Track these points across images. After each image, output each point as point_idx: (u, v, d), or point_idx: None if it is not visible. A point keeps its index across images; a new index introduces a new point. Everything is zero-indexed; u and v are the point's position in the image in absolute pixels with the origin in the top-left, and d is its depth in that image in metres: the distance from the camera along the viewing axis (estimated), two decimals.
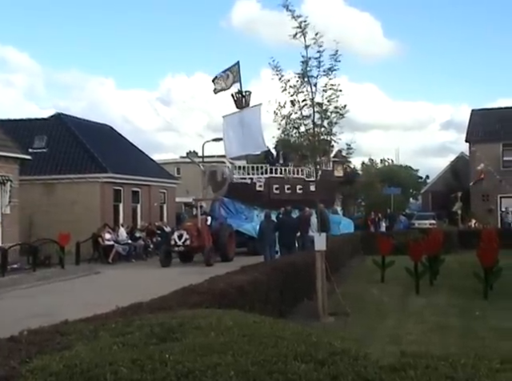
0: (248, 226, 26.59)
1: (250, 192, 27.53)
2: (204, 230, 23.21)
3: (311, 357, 3.81)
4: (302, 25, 11.36)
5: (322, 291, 11.35)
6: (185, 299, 7.35)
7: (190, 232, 22.63)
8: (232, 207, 27.44)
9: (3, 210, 21.86)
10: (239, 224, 26.51)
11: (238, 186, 27.48)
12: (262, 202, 27.39)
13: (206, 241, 22.89)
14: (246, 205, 27.55)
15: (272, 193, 28.28)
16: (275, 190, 28.51)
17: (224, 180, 27.36)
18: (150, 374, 3.39)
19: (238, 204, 27.44)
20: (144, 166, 33.40)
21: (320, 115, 11.80)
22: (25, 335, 4.62)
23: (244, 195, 27.21)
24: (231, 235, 24.70)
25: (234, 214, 27.13)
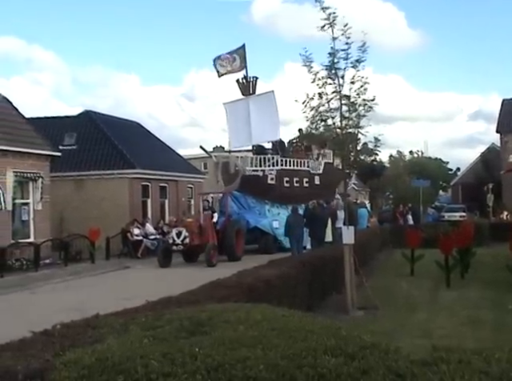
0: (265, 222, 24.91)
1: (261, 185, 25.45)
2: (207, 227, 21.18)
3: (341, 351, 3.79)
4: (331, 16, 11.27)
5: (350, 285, 11.30)
6: (213, 293, 7.38)
7: (190, 229, 20.75)
8: (244, 202, 25.52)
9: (35, 207, 22.24)
10: (257, 220, 24.79)
11: (250, 179, 25.22)
12: (273, 195, 25.82)
13: (210, 239, 20.79)
14: (256, 199, 25.56)
15: (283, 186, 26.27)
16: (285, 184, 26.47)
17: (237, 172, 25.21)
18: (180, 367, 3.42)
19: (249, 198, 25.52)
20: (171, 161, 33.59)
21: (348, 108, 11.71)
22: (58, 329, 4.69)
23: (255, 189, 25.19)
24: (239, 232, 22.60)
25: (246, 209, 25.31)
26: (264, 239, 24.27)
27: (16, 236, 20.98)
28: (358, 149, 14.69)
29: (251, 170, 25.77)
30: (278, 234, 23.85)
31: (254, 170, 25.82)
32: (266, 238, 24.28)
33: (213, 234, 21.09)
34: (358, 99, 11.58)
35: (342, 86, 11.56)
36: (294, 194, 25.60)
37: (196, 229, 20.88)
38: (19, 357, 3.71)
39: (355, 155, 12.39)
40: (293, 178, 26.51)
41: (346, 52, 11.38)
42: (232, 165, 25.08)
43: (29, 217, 22.12)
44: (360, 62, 11.40)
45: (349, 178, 14.60)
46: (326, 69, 11.56)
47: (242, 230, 22.74)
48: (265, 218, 24.86)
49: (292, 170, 26.69)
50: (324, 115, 11.86)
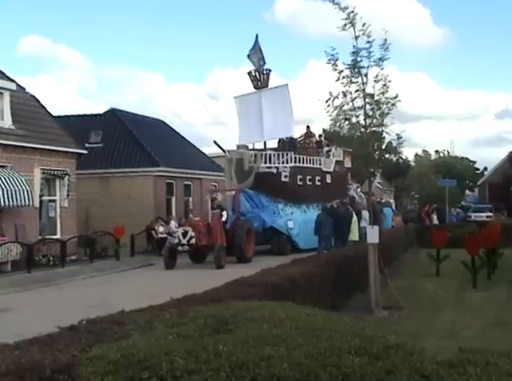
0: (280, 222, 23.49)
1: (275, 183, 23.98)
2: (216, 227, 19.85)
3: (365, 351, 3.77)
4: (351, 16, 11.24)
5: (375, 284, 11.23)
6: (237, 291, 7.40)
7: (196, 229, 19.48)
8: (257, 200, 24.04)
9: (62, 204, 22.52)
10: (273, 220, 23.38)
11: (264, 177, 23.85)
12: (287, 194, 24.43)
13: (218, 239, 19.59)
14: (269, 197, 24.11)
15: (296, 184, 24.86)
16: (299, 182, 25.03)
17: (251, 169, 23.87)
18: (204, 364, 3.43)
19: (262, 197, 24.05)
20: (195, 159, 33.73)
21: (372, 106, 11.65)
22: (84, 325, 4.75)
23: (269, 187, 23.74)
24: (249, 232, 21.30)
25: (259, 208, 23.87)
26: (277, 240, 23.12)
27: (43, 233, 21.28)
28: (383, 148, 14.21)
29: (265, 166, 24.58)
30: (293, 234, 23.23)
31: (267, 166, 24.61)
32: (279, 239, 23.15)
33: (221, 234, 19.93)
34: (381, 97, 11.53)
35: (366, 85, 11.52)
36: (306, 193, 24.78)
37: (203, 228, 19.70)
38: (47, 352, 3.76)
39: (380, 154, 12.30)
40: (306, 176, 25.34)
41: (368, 50, 11.35)
42: (246, 161, 23.87)
43: (55, 214, 22.41)
44: (383, 60, 11.37)
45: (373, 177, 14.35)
46: (349, 67, 11.53)
47: (252, 230, 21.62)
48: (279, 217, 23.68)
49: (305, 168, 25.47)
50: (348, 114, 11.82)
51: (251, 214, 23.16)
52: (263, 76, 25.96)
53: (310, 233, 22.14)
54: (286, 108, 25.05)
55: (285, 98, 25.16)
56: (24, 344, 4.12)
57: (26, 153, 20.62)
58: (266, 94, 25.65)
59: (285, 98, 25.18)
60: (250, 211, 23.46)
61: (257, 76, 25.96)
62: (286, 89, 25.74)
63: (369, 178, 13.95)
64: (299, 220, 23.66)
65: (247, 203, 23.77)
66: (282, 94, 25.36)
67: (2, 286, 15.29)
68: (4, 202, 18.42)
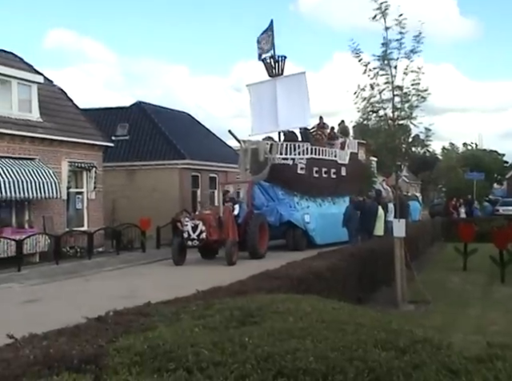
0: (297, 216, 22.47)
1: (291, 175, 22.88)
2: (227, 221, 18.84)
3: (392, 345, 3.74)
4: (382, 6, 11.08)
5: (401, 278, 11.15)
6: (262, 284, 7.41)
7: (207, 223, 18.21)
8: (272, 193, 22.96)
9: (89, 196, 22.78)
10: (290, 213, 22.35)
11: (279, 168, 22.76)
12: (303, 187, 23.30)
13: (230, 234, 18.71)
14: (285, 190, 23.02)
15: (312, 177, 23.73)
16: (315, 174, 23.90)
17: (266, 160, 22.67)
18: (230, 356, 3.43)
19: (277, 189, 22.97)
20: (221, 152, 33.78)
21: (400, 99, 11.51)
22: (111, 316, 4.79)
23: (284, 179, 22.68)
24: (263, 226, 20.31)
25: (275, 201, 22.79)
26: (292, 234, 22.15)
27: (70, 224, 21.55)
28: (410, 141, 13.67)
29: (281, 158, 23.33)
30: (309, 229, 22.45)
31: (283, 158, 23.37)
32: (294, 233, 22.16)
33: (233, 228, 19.04)
34: (411, 90, 11.38)
35: (395, 77, 11.37)
36: (322, 186, 23.88)
37: (214, 222, 18.50)
38: (74, 342, 3.81)
39: (406, 147, 12.16)
40: (321, 169, 24.27)
41: (400, 42, 11.18)
42: (261, 152, 22.68)
43: (83, 206, 22.67)
44: (415, 53, 11.18)
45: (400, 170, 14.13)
46: (379, 59, 11.39)
47: (265, 224, 20.63)
48: (296, 211, 22.66)
49: (321, 160, 24.31)
50: (375, 106, 11.70)
51: (267, 208, 22.32)
52: (278, 63, 24.65)
53: (327, 227, 21.99)
54: (303, 97, 23.77)
55: (301, 87, 23.79)
56: (52, 334, 4.17)
57: (54, 145, 20.88)
58: (281, 81, 24.33)
59: (301, 86, 23.80)
60: (266, 204, 22.56)
61: (271, 63, 24.67)
62: (302, 77, 24.36)
63: (395, 172, 13.83)
64: (315, 214, 22.93)
65: (262, 196, 22.86)
66: (298, 82, 23.96)
67: (31, 277, 15.55)
68: (32, 194, 18.69)
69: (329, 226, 21.99)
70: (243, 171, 23.47)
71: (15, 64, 21.95)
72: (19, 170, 18.47)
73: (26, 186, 18.39)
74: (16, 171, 18.28)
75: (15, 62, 22.60)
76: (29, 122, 20.10)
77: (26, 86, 20.33)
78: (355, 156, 26.78)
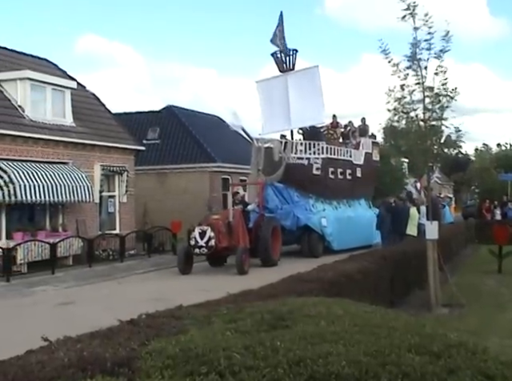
0: (315, 220, 21.05)
1: (306, 176, 21.54)
2: (237, 226, 17.37)
3: (426, 349, 3.69)
4: (411, 6, 10.99)
5: (434, 281, 10.99)
6: (293, 287, 7.39)
7: (215, 228, 16.58)
8: (287, 195, 21.52)
9: (121, 199, 23.04)
10: (307, 217, 20.93)
11: (293, 168, 21.45)
12: (318, 188, 21.93)
13: (241, 240, 17.23)
14: (300, 192, 21.66)
15: (328, 178, 22.39)
16: (330, 175, 22.54)
17: (280, 160, 21.41)
18: (262, 360, 3.42)
19: (292, 191, 21.56)
20: (251, 154, 33.79)
21: (431, 100, 11.39)
22: (143, 319, 4.83)
23: (299, 180, 21.34)
24: (276, 231, 18.78)
25: (289, 203, 21.38)
26: (307, 239, 20.73)
27: (103, 228, 21.82)
28: (442, 142, 13.16)
29: (295, 157, 21.97)
30: (326, 233, 21.08)
31: (298, 157, 22.00)
32: (310, 238, 20.73)
33: (244, 233, 17.59)
34: (441, 90, 11.26)
35: (425, 78, 11.26)
36: (338, 188, 22.62)
37: (224, 228, 16.95)
38: (107, 345, 3.84)
39: (438, 148, 12.01)
40: (337, 169, 22.90)
41: (429, 42, 11.08)
42: (276, 151, 21.42)
43: (115, 209, 22.94)
44: (444, 52, 11.08)
45: (432, 172, 13.89)
46: (408, 60, 11.29)
47: (278, 229, 19.13)
48: (312, 214, 21.28)
49: (337, 160, 22.95)
50: (406, 107, 11.60)
51: (281, 211, 20.92)
52: (289, 57, 23.19)
53: (344, 232, 21.06)
54: (316, 92, 22.34)
55: (314, 82, 22.36)
56: (86, 337, 4.22)
57: (87, 150, 21.19)
58: (292, 77, 22.90)
59: (314, 81, 22.37)
60: (280, 207, 21.14)
61: (282, 58, 23.19)
62: (316, 71, 22.87)
63: (427, 173, 13.65)
64: (331, 218, 21.60)
65: (276, 198, 21.38)
66: (311, 77, 22.49)
67: (65, 279, 15.79)
68: (66, 197, 18.98)
69: (346, 230, 21.25)
70: (255, 172, 22.01)
71: (49, 70, 22.37)
72: (53, 174, 18.78)
73: (60, 190, 18.69)
74: (50, 175, 18.59)
75: (49, 68, 23.04)
76: (62, 127, 20.43)
77: (60, 91, 20.68)
78: (370, 156, 25.46)
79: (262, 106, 23.51)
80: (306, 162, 21.99)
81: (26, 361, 3.55)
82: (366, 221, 22.64)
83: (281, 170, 21.33)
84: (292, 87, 22.61)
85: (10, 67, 20.74)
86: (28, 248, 16.98)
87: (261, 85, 23.80)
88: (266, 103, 23.37)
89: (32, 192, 17.62)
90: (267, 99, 23.28)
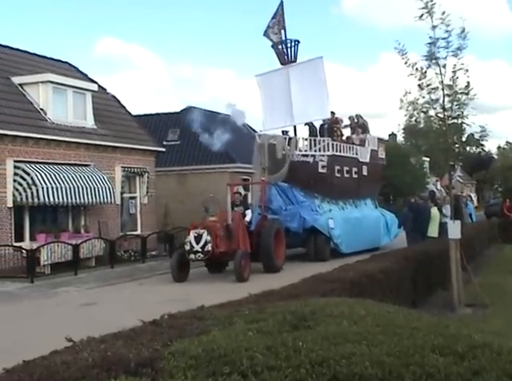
0: (322, 221, 19.79)
1: (311, 174, 20.32)
2: (237, 229, 16.07)
3: (450, 350, 3.65)
4: (429, 5, 10.93)
5: (457, 281, 10.89)
6: (315, 287, 7.37)
7: (212, 232, 15.24)
8: (291, 195, 20.28)
9: (142, 200, 23.20)
10: (314, 218, 19.70)
11: (298, 167, 20.21)
12: (324, 187, 20.69)
13: (241, 244, 15.93)
14: (305, 192, 20.45)
15: (334, 176, 21.20)
16: (336, 173, 21.34)
17: (284, 158, 20.16)
18: (284, 361, 3.42)
19: (297, 191, 20.34)
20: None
21: (450, 98, 11.31)
22: (165, 319, 4.85)
23: (304, 179, 20.14)
24: (279, 234, 17.40)
25: (294, 204, 20.15)
26: (313, 242, 19.46)
27: (124, 229, 21.99)
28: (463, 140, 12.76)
29: (300, 155, 20.73)
30: (334, 235, 19.88)
31: (303, 154, 20.79)
32: (316, 241, 19.46)
33: (244, 237, 16.23)
34: (459, 88, 11.18)
35: (444, 76, 11.18)
36: (344, 187, 21.47)
37: (222, 231, 15.69)
38: (131, 345, 3.86)
39: (460, 147, 11.92)
40: (343, 167, 21.67)
41: (447, 40, 11.01)
42: (279, 148, 20.16)
43: (136, 210, 23.10)
44: (461, 50, 11.01)
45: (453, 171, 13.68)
46: (426, 59, 11.23)
47: (282, 232, 17.69)
48: (319, 215, 20.06)
49: (342, 157, 21.69)
50: (425, 107, 11.54)
51: (287, 212, 19.74)
52: (291, 49, 21.93)
53: (351, 234, 20.19)
54: (320, 85, 20.94)
55: (318, 74, 21.00)
56: (109, 338, 4.25)
57: (108, 151, 21.37)
58: (294, 69, 21.61)
59: (318, 73, 21.00)
60: (284, 208, 19.93)
61: (283, 49, 21.89)
62: (319, 62, 21.49)
63: (449, 172, 13.53)
64: (338, 218, 20.45)
65: (280, 198, 20.18)
66: (314, 69, 21.14)
67: (87, 280, 15.94)
68: (88, 199, 19.16)
69: (353, 232, 20.36)
70: (259, 170, 20.74)
71: (70, 73, 22.63)
72: (75, 176, 18.98)
73: (82, 192, 18.88)
74: (72, 177, 18.79)
75: (70, 71, 23.31)
76: (84, 129, 20.64)
77: (81, 94, 20.89)
78: (375, 154, 24.17)
79: (263, 101, 22.36)
80: (311, 159, 20.78)
81: (51, 361, 3.59)
82: (373, 222, 22.15)
83: (285, 168, 20.12)
84: (294, 80, 21.40)
85: (32, 71, 21.01)
86: (51, 249, 17.17)
87: (261, 78, 22.60)
88: (266, 98, 22.22)
89: (54, 194, 17.83)
90: (268, 94, 22.14)
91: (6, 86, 19.57)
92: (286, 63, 21.83)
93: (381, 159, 24.94)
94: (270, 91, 21.97)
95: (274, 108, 21.76)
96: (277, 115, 21.62)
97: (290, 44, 21.96)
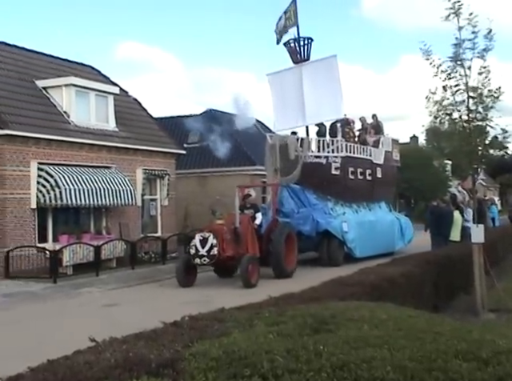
0: (335, 224, 19.18)
1: (324, 176, 19.72)
2: (246, 233, 15.35)
3: (473, 355, 3.61)
4: (456, 5, 10.82)
5: (480, 286, 10.76)
6: (335, 291, 7.35)
7: (219, 235, 14.64)
8: (304, 198, 19.69)
9: (162, 202, 23.33)
10: (328, 221, 19.04)
11: (310, 168, 19.55)
12: (337, 190, 20.05)
13: (250, 248, 15.31)
14: (317, 194, 19.81)
15: (348, 178, 20.54)
16: (350, 175, 20.67)
17: (297, 159, 19.57)
18: (305, 364, 3.41)
19: (309, 193, 19.72)
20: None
21: (475, 100, 11.18)
22: (186, 321, 4.87)
23: (316, 180, 19.51)
24: (290, 238, 16.75)
25: (306, 206, 19.51)
26: (326, 246, 18.89)
27: (145, 230, 22.12)
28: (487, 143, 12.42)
29: (313, 156, 20.15)
30: (348, 239, 19.29)
31: (316, 156, 20.20)
32: (330, 245, 18.90)
33: (253, 241, 15.58)
34: (485, 90, 11.05)
35: (469, 78, 11.06)
36: (358, 189, 20.77)
37: (229, 235, 14.98)
38: (152, 346, 3.89)
39: (483, 150, 11.80)
40: (357, 169, 20.96)
41: (473, 41, 10.88)
42: (291, 149, 19.51)
43: (156, 212, 23.24)
44: (487, 51, 10.88)
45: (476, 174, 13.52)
46: (451, 60, 11.11)
47: (293, 235, 17.04)
48: (333, 218, 19.47)
49: (356, 159, 21.05)
50: (449, 109, 11.42)
51: (299, 215, 19.14)
52: (304, 47, 21.30)
53: (365, 238, 19.68)
54: (334, 84, 20.36)
55: (332, 73, 20.40)
56: (131, 338, 4.28)
57: (129, 154, 21.53)
58: (307, 68, 21.02)
59: (332, 72, 20.42)
60: (296, 211, 19.34)
61: (296, 47, 21.21)
62: (333, 61, 20.84)
63: (472, 175, 13.38)
64: (352, 222, 19.81)
65: (292, 201, 19.59)
66: (328, 68, 20.52)
67: (108, 281, 16.07)
68: (109, 201, 19.32)
69: (367, 236, 19.82)
70: (271, 172, 20.11)
71: (93, 76, 22.86)
72: (97, 178, 19.15)
73: (104, 194, 19.05)
74: (94, 179, 18.97)
75: (93, 74, 23.55)
76: (106, 132, 20.83)
77: (103, 97, 21.09)
78: (390, 155, 23.43)
79: (275, 100, 21.79)
80: (324, 160, 20.13)
81: (74, 361, 3.63)
82: (388, 226, 21.66)
83: (297, 169, 19.50)
84: (307, 79, 20.76)
85: (56, 74, 21.26)
86: (73, 250, 17.33)
87: (273, 77, 21.96)
88: (278, 98, 21.63)
89: (77, 196, 18.01)
90: (280, 93, 21.54)
91: (31, 89, 19.84)
92: (299, 62, 21.29)
93: (395, 161, 24.32)
94: (282, 91, 21.47)
95: (285, 108, 21.25)
96: (289, 115, 21.11)
97: (303, 42, 21.38)
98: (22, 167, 17.50)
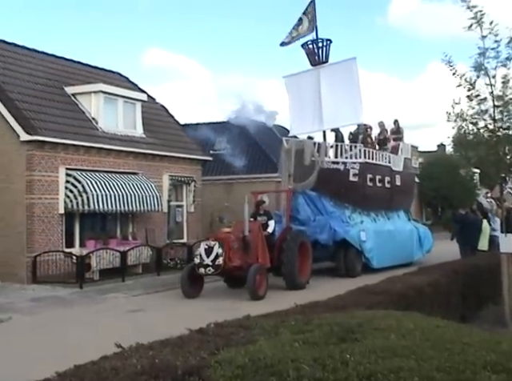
0: (353, 233, 18.52)
1: (342, 183, 19.05)
2: (255, 241, 14.51)
3: (503, 367, 3.56)
4: (478, 15, 10.76)
5: (509, 296, 10.58)
6: (361, 299, 7.30)
7: (225, 244, 13.94)
8: (320, 205, 18.98)
9: (188, 209, 23.43)
10: (345, 230, 18.40)
11: (327, 174, 18.93)
12: (355, 197, 19.38)
13: (260, 258, 14.52)
14: (334, 201, 19.15)
15: (366, 185, 19.81)
16: (369, 182, 19.94)
17: (313, 164, 18.97)
18: (331, 373, 3.39)
19: (326, 200, 19.05)
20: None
21: (500, 109, 11.10)
22: (212, 328, 4.88)
23: (334, 187, 18.87)
24: (304, 247, 15.93)
25: (323, 214, 18.87)
26: (343, 256, 18.20)
27: (171, 237, 22.21)
28: None
29: (330, 161, 19.49)
30: (366, 249, 18.66)
31: (333, 162, 19.50)
32: (347, 255, 18.21)
33: (263, 250, 14.74)
34: (510, 99, 10.98)
35: (494, 86, 10.99)
36: (376, 197, 20.11)
37: (236, 243, 14.22)
38: (178, 353, 3.91)
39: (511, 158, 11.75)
40: (375, 176, 20.22)
41: (496, 50, 10.82)
42: (308, 154, 18.89)
43: (182, 218, 23.33)
44: (510, 60, 10.81)
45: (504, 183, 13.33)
46: (475, 69, 11.06)
47: (307, 244, 16.14)
48: (350, 227, 18.79)
49: (375, 165, 20.36)
50: (474, 118, 11.35)
51: (315, 223, 18.48)
52: (322, 49, 20.62)
53: (384, 248, 19.04)
54: (353, 88, 19.78)
55: (351, 76, 19.79)
56: (157, 345, 4.31)
57: (156, 160, 21.69)
58: (325, 70, 20.38)
59: (351, 75, 19.80)
60: (313, 219, 18.67)
61: (314, 49, 20.59)
62: (353, 63, 20.19)
63: (500, 184, 13.20)
64: (370, 231, 19.20)
65: (308, 208, 18.92)
66: (347, 71, 19.90)
67: (134, 287, 16.17)
68: (136, 207, 19.47)
69: (386, 246, 19.16)
70: (285, 177, 19.56)
71: (121, 83, 23.12)
72: (124, 184, 19.32)
73: (130, 200, 19.20)
74: (121, 185, 19.14)
75: (121, 81, 23.83)
76: (133, 138, 21.02)
77: (131, 104, 21.30)
78: (409, 163, 22.81)
79: (291, 104, 21.09)
80: (341, 166, 19.43)
81: (100, 366, 3.66)
82: (407, 235, 21.14)
83: (313, 175, 18.87)
84: (325, 82, 20.12)
85: (85, 81, 21.55)
86: (100, 256, 17.50)
87: (289, 80, 21.25)
88: (295, 101, 20.92)
89: (104, 201, 18.18)
90: (297, 96, 20.85)
91: (60, 95, 20.13)
92: (317, 64, 20.66)
93: (414, 168, 23.81)
94: (299, 94, 20.82)
95: (302, 112, 20.65)
96: (305, 119, 20.53)
97: (322, 43, 20.73)
98: (51, 173, 17.73)
